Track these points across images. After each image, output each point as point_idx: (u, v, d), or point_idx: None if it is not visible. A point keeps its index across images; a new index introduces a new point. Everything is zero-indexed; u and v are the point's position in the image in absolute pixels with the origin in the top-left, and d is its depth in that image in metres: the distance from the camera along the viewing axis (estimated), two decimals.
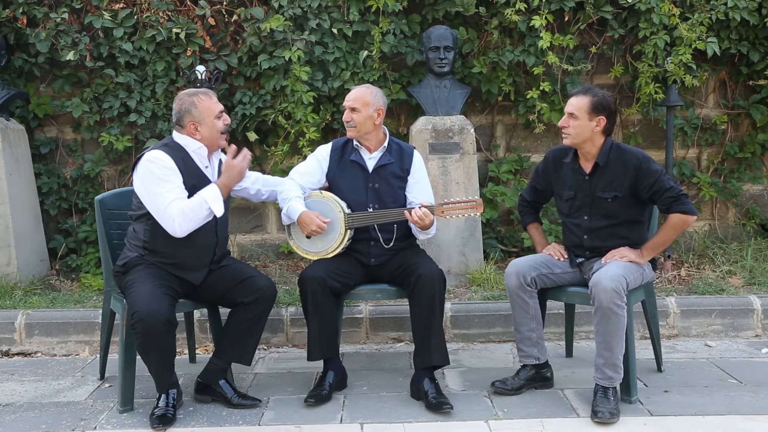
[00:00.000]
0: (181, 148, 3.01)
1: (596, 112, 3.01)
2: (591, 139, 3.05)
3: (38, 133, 5.03)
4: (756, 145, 5.05)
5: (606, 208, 3.09)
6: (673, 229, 3.03)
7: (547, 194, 3.38)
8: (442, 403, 2.96)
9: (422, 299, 3.09)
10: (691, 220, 2.99)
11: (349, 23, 4.69)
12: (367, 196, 3.29)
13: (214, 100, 3.07)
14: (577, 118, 3.02)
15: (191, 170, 3.00)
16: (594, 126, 3.02)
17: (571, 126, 3.04)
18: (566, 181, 3.18)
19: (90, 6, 4.70)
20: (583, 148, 3.09)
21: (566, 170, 3.18)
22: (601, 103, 3.02)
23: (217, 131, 3.05)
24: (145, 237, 3.00)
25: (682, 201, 2.97)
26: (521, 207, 3.48)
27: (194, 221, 2.90)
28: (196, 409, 3.05)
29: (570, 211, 3.19)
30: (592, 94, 3.04)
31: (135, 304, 2.80)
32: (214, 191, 2.94)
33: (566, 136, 3.07)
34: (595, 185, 3.09)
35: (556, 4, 4.63)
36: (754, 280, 4.32)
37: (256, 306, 3.04)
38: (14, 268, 4.44)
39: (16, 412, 3.08)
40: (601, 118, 3.02)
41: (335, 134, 4.84)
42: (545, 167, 3.30)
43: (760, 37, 4.78)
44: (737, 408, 2.98)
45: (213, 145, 3.09)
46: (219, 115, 3.05)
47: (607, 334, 2.89)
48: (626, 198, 3.05)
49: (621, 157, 3.05)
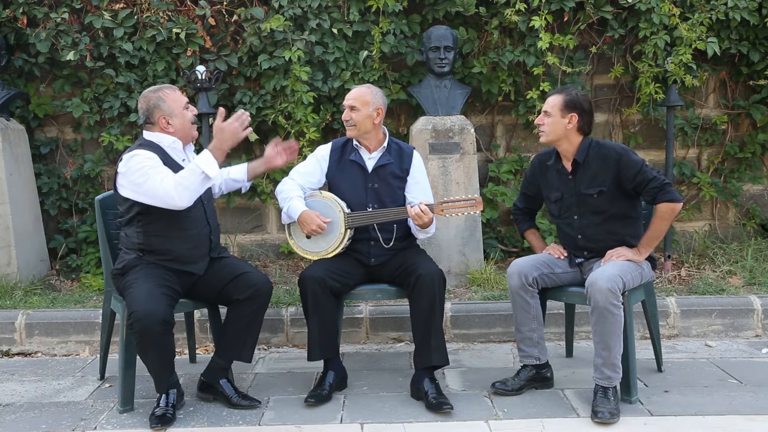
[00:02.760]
0: (156, 146, 3.01)
1: (568, 109, 3.07)
2: (566, 136, 3.10)
3: (38, 133, 5.03)
4: (756, 145, 5.05)
5: (592, 204, 3.11)
6: (663, 219, 3.04)
7: (538, 199, 3.41)
8: (443, 404, 2.96)
9: (422, 299, 3.09)
10: (678, 208, 3.02)
11: (349, 23, 4.69)
12: (366, 196, 3.29)
13: (179, 93, 3.10)
14: (550, 115, 3.09)
15: (170, 165, 2.99)
16: (566, 123, 3.07)
17: (546, 123, 3.11)
18: (552, 183, 3.22)
19: (90, 6, 4.71)
20: (560, 146, 3.14)
21: (551, 172, 3.23)
22: (573, 101, 3.07)
23: (188, 121, 3.06)
24: (139, 239, 3.01)
25: (667, 190, 2.99)
26: (516, 215, 3.52)
27: (191, 189, 2.86)
28: (197, 409, 3.05)
29: (560, 212, 3.22)
30: (566, 92, 3.11)
31: (133, 305, 2.81)
32: (205, 154, 2.91)
33: (541, 133, 3.14)
34: (579, 183, 3.13)
35: (556, 5, 4.64)
36: (754, 280, 4.32)
37: (252, 302, 3.05)
38: (14, 268, 4.44)
39: (16, 412, 3.08)
40: (573, 115, 3.07)
41: (335, 134, 4.84)
42: (532, 172, 3.35)
43: (760, 37, 4.78)
44: (737, 408, 2.98)
45: (186, 137, 3.09)
46: (186, 106, 3.07)
47: (604, 334, 2.89)
48: (611, 191, 3.07)
49: (600, 152, 3.09)
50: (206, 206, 3.11)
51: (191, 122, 3.08)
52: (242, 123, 2.97)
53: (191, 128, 3.09)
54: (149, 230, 2.98)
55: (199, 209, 3.05)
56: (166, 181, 2.85)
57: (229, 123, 2.95)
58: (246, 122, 2.98)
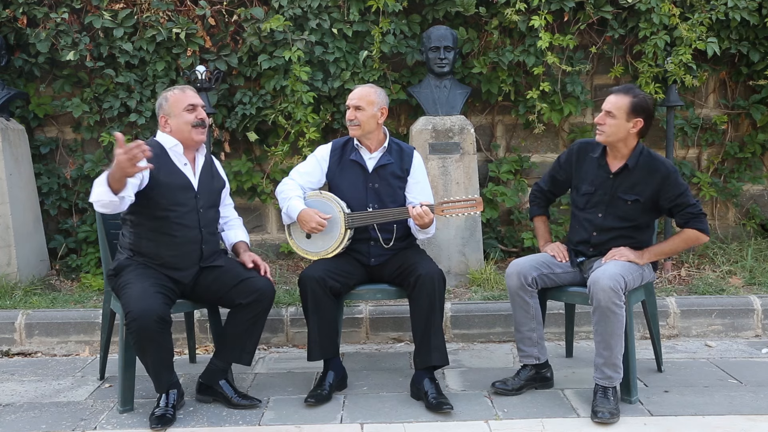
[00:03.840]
0: (159, 146, 3.01)
1: (635, 114, 2.97)
2: (625, 139, 3.02)
3: (38, 133, 5.03)
4: (756, 145, 5.05)
5: (623, 209, 3.07)
6: (685, 243, 3.07)
7: (564, 186, 3.32)
8: (443, 404, 2.96)
9: (422, 299, 3.09)
10: (704, 240, 3.04)
11: (349, 23, 4.69)
12: (366, 196, 3.29)
13: (189, 95, 3.05)
14: (614, 116, 2.98)
15: (167, 167, 2.99)
16: (631, 127, 2.99)
17: (607, 124, 3.00)
18: (588, 176, 3.15)
19: (90, 6, 4.70)
20: (615, 147, 3.06)
21: (590, 164, 3.15)
22: (641, 105, 2.97)
23: (185, 123, 3.01)
24: (130, 240, 3.02)
25: (701, 220, 3.00)
26: (534, 196, 3.43)
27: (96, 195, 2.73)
28: (197, 409, 3.05)
29: (585, 205, 3.16)
30: (633, 94, 2.98)
31: (128, 304, 2.80)
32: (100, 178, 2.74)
33: (600, 133, 3.03)
34: (618, 185, 3.07)
35: (556, 4, 4.64)
36: (754, 280, 4.32)
37: (255, 307, 3.03)
38: (14, 268, 4.44)
39: (16, 412, 3.08)
40: (639, 120, 2.98)
41: (335, 134, 4.84)
42: (568, 157, 3.24)
43: (760, 37, 4.78)
44: (737, 408, 2.98)
45: (186, 140, 3.03)
46: (189, 108, 3.01)
47: (606, 334, 2.89)
48: (646, 204, 3.04)
49: (650, 164, 3.02)
50: (201, 214, 3.05)
51: (191, 125, 3.02)
52: (131, 157, 2.60)
53: (191, 131, 3.02)
54: (139, 232, 2.99)
55: (191, 215, 3.00)
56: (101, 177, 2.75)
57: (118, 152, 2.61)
58: (137, 158, 2.60)
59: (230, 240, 3.30)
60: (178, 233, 2.98)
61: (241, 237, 3.31)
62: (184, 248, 3.02)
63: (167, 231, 2.97)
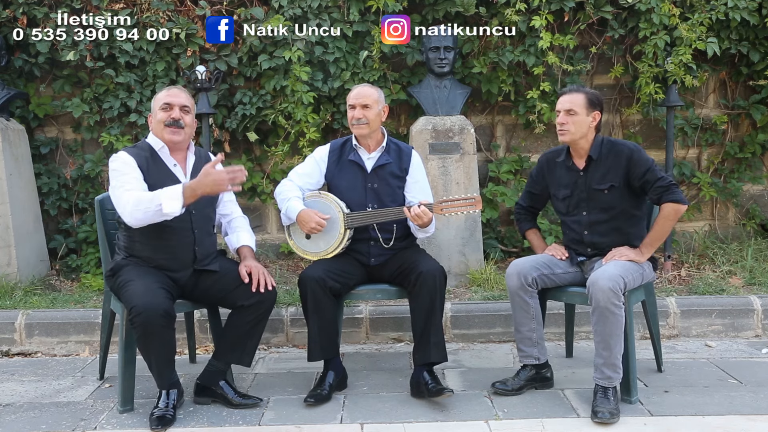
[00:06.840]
0: (149, 147, 3.02)
1: (593, 107, 3.09)
2: (586, 135, 3.11)
3: (38, 133, 5.03)
4: (756, 145, 5.05)
5: (603, 200, 3.11)
6: (667, 220, 3.04)
7: (543, 198, 3.41)
8: (443, 389, 2.97)
9: (423, 295, 3.09)
10: (682, 209, 3.03)
11: (349, 23, 4.69)
12: (365, 196, 3.29)
13: (170, 93, 3.02)
14: (575, 113, 3.07)
15: (157, 168, 2.98)
16: (591, 121, 3.09)
17: (570, 122, 3.07)
18: (561, 180, 3.22)
19: (90, 6, 4.70)
20: (578, 144, 3.13)
21: (560, 169, 3.23)
22: (596, 97, 3.11)
23: (159, 122, 2.99)
24: (125, 242, 3.03)
25: (672, 191, 3.00)
26: (518, 214, 3.51)
27: (144, 213, 2.79)
28: (196, 409, 3.04)
29: (568, 209, 3.22)
30: (584, 90, 3.12)
31: (131, 300, 2.79)
32: (173, 189, 2.81)
33: (564, 132, 3.10)
34: (590, 179, 3.13)
35: (556, 5, 4.64)
36: (754, 280, 4.32)
37: (257, 309, 3.03)
38: (14, 268, 4.44)
39: (16, 412, 3.08)
40: (597, 113, 3.09)
41: (335, 134, 4.84)
42: (539, 170, 3.35)
43: (760, 37, 4.78)
44: (737, 408, 2.97)
45: (165, 140, 3.00)
46: (163, 107, 2.99)
47: (605, 334, 2.89)
48: (621, 188, 3.08)
49: (613, 149, 3.10)
50: (194, 215, 3.03)
51: (164, 123, 2.97)
52: (233, 178, 2.80)
53: (163, 130, 2.98)
54: (132, 234, 2.98)
55: (183, 217, 2.94)
56: (128, 195, 2.83)
57: (219, 171, 2.79)
58: (239, 179, 2.81)
59: (234, 244, 3.27)
60: (168, 236, 2.97)
61: (245, 241, 3.25)
62: (177, 250, 3.01)
63: (158, 234, 2.95)
